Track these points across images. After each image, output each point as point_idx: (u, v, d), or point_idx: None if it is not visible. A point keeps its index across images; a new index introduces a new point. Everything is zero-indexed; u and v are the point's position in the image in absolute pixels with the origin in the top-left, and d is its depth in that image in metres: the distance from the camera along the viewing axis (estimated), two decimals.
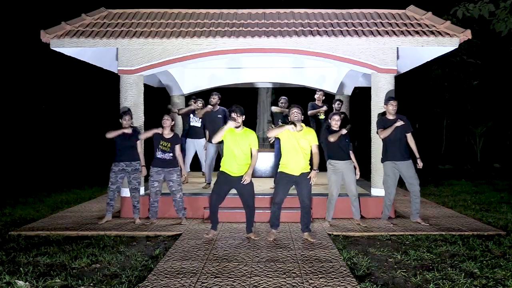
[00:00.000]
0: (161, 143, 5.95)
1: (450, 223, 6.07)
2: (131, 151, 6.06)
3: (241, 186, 5.21)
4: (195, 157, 8.16)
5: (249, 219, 5.38)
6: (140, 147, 6.20)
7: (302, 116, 5.22)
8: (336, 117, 5.93)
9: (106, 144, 6.68)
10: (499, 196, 8.55)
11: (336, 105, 7.59)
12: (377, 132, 6.08)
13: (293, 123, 5.11)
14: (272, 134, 5.37)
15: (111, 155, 6.19)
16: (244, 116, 5.15)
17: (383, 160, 6.02)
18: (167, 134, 6.00)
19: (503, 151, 16.77)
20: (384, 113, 6.12)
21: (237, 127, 5.12)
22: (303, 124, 5.22)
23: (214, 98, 7.31)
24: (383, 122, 5.98)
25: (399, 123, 5.77)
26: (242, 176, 5.17)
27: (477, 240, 5.24)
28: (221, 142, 5.36)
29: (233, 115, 5.08)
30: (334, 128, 5.93)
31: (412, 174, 5.84)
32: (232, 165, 5.16)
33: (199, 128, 7.78)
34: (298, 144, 5.12)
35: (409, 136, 5.93)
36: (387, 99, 6.03)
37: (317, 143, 5.26)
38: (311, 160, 5.26)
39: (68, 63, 13.47)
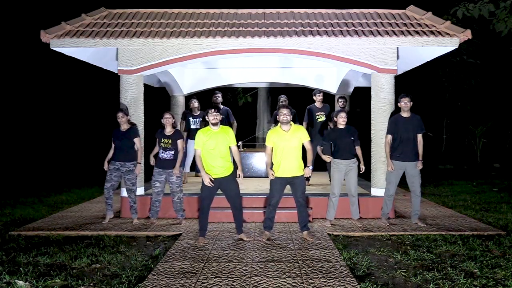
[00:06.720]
0: (162, 141, 5.96)
1: (450, 223, 6.07)
2: (127, 150, 6.05)
3: (227, 187, 5.18)
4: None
5: (238, 220, 5.32)
6: (138, 143, 6.18)
7: (291, 116, 5.21)
8: (343, 114, 5.91)
9: (106, 144, 6.67)
10: (499, 196, 8.55)
11: (340, 103, 7.52)
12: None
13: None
14: (268, 170, 5.29)
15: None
16: (220, 116, 5.19)
17: (391, 157, 5.97)
18: (168, 132, 6.00)
19: (503, 151, 16.76)
20: (399, 110, 6.03)
21: (214, 125, 5.11)
22: (291, 122, 5.21)
23: (219, 97, 7.29)
24: (392, 126, 5.92)
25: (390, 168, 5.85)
26: (227, 177, 5.13)
27: (477, 240, 5.24)
28: None
29: (210, 111, 5.07)
30: (341, 126, 5.92)
31: (416, 173, 5.84)
32: (215, 167, 5.09)
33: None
34: (289, 144, 5.10)
35: (419, 137, 5.90)
36: (399, 96, 5.92)
37: (309, 139, 5.27)
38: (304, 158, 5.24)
39: (67, 63, 13.46)
